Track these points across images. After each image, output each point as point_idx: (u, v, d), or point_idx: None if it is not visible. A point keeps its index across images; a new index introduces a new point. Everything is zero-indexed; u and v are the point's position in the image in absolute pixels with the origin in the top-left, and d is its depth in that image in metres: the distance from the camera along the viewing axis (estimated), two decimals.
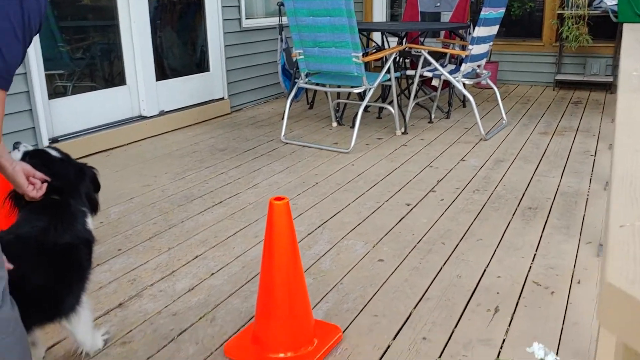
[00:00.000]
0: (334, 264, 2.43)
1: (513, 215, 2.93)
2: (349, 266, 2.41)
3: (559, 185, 3.35)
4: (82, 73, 4.55)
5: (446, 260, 2.45)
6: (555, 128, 4.73)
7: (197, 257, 2.51)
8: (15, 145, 1.71)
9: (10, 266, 1.26)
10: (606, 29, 6.29)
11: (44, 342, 1.88)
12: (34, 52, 3.64)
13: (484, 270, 2.35)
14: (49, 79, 4.02)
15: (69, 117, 4.08)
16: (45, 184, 1.59)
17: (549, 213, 2.95)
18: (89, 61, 4.64)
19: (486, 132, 4.50)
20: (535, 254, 2.50)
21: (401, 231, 2.75)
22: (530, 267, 2.38)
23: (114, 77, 4.64)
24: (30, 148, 1.71)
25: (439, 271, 2.36)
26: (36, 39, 3.68)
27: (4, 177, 1.50)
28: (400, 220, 2.89)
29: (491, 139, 4.40)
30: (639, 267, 0.52)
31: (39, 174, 1.58)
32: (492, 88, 4.99)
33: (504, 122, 4.85)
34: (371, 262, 2.45)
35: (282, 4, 4.65)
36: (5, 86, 1.19)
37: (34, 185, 1.55)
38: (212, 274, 2.36)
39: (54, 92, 4.13)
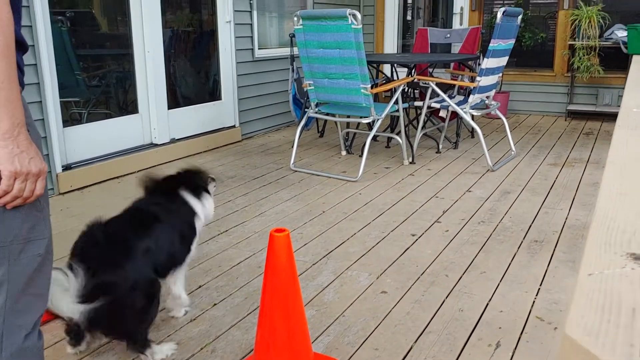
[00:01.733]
0: (337, 295, 2.43)
1: (518, 248, 2.91)
2: (352, 298, 2.41)
3: (566, 218, 3.34)
4: (96, 101, 4.65)
5: (449, 293, 2.44)
6: (566, 159, 4.72)
7: (200, 287, 2.52)
8: None
9: None
10: (618, 60, 6.31)
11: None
12: (50, 80, 3.72)
13: (487, 304, 2.34)
14: (65, 106, 4.11)
15: (82, 145, 4.15)
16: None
17: (555, 246, 2.93)
18: (104, 89, 4.74)
19: (494, 163, 4.51)
20: (539, 289, 2.48)
21: (405, 262, 2.75)
22: (533, 301, 2.36)
23: (127, 105, 4.73)
24: None
25: (442, 304, 2.35)
26: (52, 68, 3.77)
27: None
28: (404, 251, 2.89)
29: (499, 170, 4.40)
30: (599, 319, 0.52)
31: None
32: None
33: (512, 152, 4.85)
34: (374, 293, 2.45)
35: (293, 36, 4.73)
36: None
37: None
38: (215, 304, 2.37)
39: (70, 119, 4.22)
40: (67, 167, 3.99)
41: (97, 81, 4.78)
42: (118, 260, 1.84)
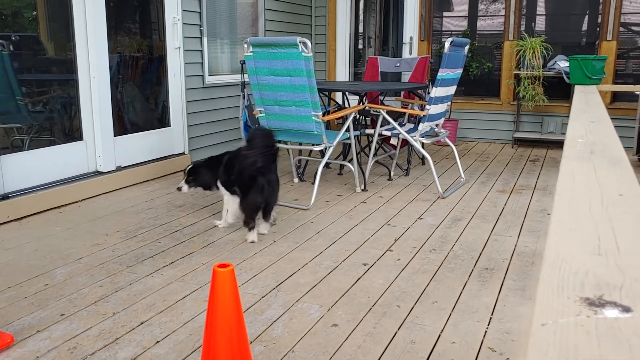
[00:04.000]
0: (287, 329, 2.35)
1: (469, 276, 2.90)
2: (302, 332, 2.33)
3: (515, 245, 3.36)
4: (40, 127, 4.46)
5: (401, 325, 2.39)
6: (513, 186, 4.80)
7: (142, 323, 2.40)
8: None
9: None
10: (561, 89, 6.53)
11: None
12: None
13: (439, 335, 2.30)
14: (5, 132, 3.93)
15: (21, 173, 3.96)
16: None
17: (506, 274, 2.94)
18: (47, 115, 4.56)
19: (444, 190, 4.54)
20: (491, 318, 2.46)
21: (357, 293, 2.70)
22: (485, 331, 2.34)
23: (72, 131, 4.56)
24: None
25: (394, 336, 2.30)
26: None
27: None
28: (356, 281, 2.84)
29: (449, 196, 4.43)
30: None
31: None
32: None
33: (462, 180, 4.91)
34: (325, 327, 2.38)
35: (244, 62, 4.68)
36: None
37: None
38: (157, 341, 2.25)
39: (10, 146, 4.03)
40: (3, 197, 3.79)
41: (41, 107, 4.60)
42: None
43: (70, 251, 3.23)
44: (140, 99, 5.27)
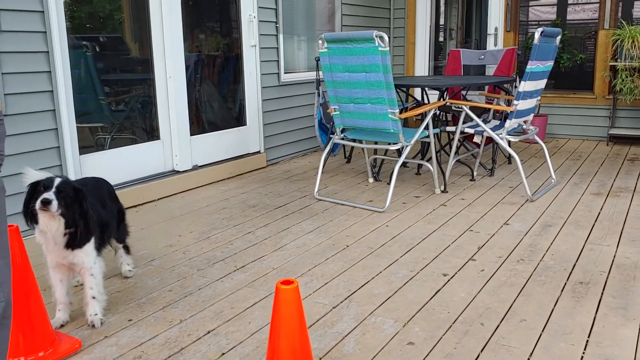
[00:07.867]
0: (359, 346, 2.19)
1: (562, 291, 2.62)
2: (375, 349, 2.16)
3: (614, 256, 3.03)
4: (120, 126, 4.54)
5: (484, 345, 2.17)
6: (610, 188, 4.39)
7: (209, 332, 2.31)
8: None
9: None
10: None
11: None
12: (66, 108, 3.62)
13: (528, 359, 2.07)
14: (84, 131, 4.01)
15: (99, 172, 4.02)
16: None
17: (604, 289, 2.63)
18: (124, 115, 4.63)
19: (533, 192, 4.21)
20: (587, 340, 2.19)
21: (435, 307, 2.49)
22: (582, 357, 2.08)
23: (148, 131, 4.60)
24: None
25: (476, 358, 2.08)
26: (68, 95, 3.67)
27: None
28: (435, 293, 2.63)
29: (538, 199, 4.10)
30: None
31: None
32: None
33: (552, 181, 4.55)
34: (400, 344, 2.20)
35: (319, 59, 4.55)
36: None
37: None
38: (223, 353, 2.15)
39: (95, 145, 4.12)
40: None
41: (122, 106, 4.69)
42: None
43: (143, 252, 3.22)
44: (216, 97, 5.26)
